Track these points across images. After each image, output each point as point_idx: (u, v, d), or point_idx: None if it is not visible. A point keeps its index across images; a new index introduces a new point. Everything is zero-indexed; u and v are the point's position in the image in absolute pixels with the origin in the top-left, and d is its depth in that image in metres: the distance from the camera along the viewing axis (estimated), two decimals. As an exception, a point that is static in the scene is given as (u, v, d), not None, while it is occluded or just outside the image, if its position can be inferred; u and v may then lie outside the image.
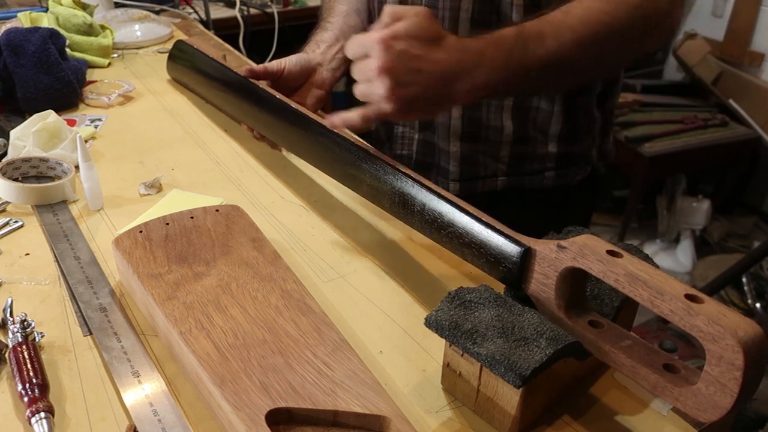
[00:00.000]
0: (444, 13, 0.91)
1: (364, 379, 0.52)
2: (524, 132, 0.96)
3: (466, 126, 0.96)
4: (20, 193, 0.79)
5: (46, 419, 0.50)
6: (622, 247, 0.52)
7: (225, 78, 0.98)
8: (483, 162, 0.98)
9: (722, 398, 0.42)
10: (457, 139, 0.97)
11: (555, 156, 0.97)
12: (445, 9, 0.90)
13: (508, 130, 0.95)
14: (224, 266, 0.63)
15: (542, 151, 0.97)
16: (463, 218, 0.60)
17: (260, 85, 0.89)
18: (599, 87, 0.97)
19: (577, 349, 0.52)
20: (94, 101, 1.07)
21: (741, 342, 0.41)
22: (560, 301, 0.52)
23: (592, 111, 0.98)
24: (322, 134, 0.75)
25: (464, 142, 0.97)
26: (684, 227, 2.43)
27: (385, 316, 0.64)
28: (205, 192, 0.83)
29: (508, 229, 0.58)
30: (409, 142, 1.04)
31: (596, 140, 1.01)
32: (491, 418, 0.52)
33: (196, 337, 0.55)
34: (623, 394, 0.56)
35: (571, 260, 0.50)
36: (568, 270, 0.51)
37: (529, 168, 0.98)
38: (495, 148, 0.97)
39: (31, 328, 0.59)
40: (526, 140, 0.97)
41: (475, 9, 0.88)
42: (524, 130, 0.96)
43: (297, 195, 0.84)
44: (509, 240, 0.56)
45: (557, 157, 0.98)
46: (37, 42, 1.01)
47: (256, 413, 0.48)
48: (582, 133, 0.98)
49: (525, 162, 0.98)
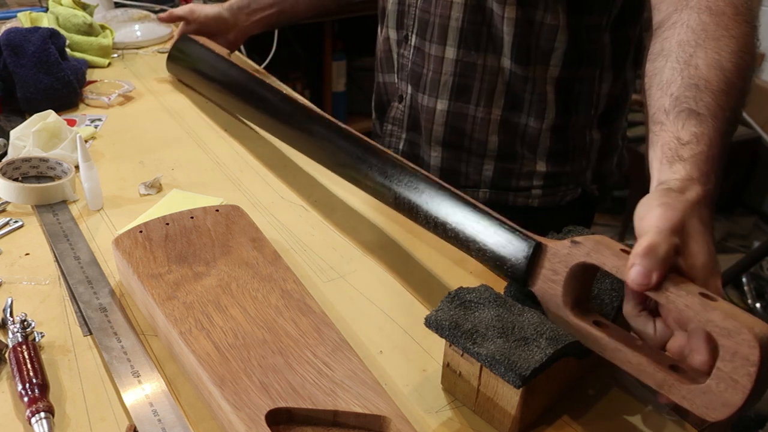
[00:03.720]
0: (435, 20, 0.90)
1: (364, 379, 0.52)
2: (510, 148, 0.94)
3: (448, 134, 0.95)
4: (20, 193, 0.79)
5: (46, 419, 0.50)
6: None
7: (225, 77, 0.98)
8: (465, 172, 0.97)
9: (733, 395, 0.42)
10: (439, 144, 0.96)
11: (543, 175, 0.95)
12: (436, 16, 0.90)
13: (493, 145, 0.94)
14: (224, 266, 0.63)
15: (529, 168, 0.95)
16: (470, 213, 0.59)
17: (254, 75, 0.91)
18: (601, 107, 0.94)
19: (577, 349, 0.52)
20: (94, 101, 1.07)
21: (758, 337, 0.41)
22: (567, 298, 0.52)
23: (587, 132, 0.95)
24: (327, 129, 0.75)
25: (446, 148, 0.97)
26: (684, 227, 2.42)
27: (385, 316, 0.64)
28: (205, 192, 0.83)
29: (515, 225, 0.57)
30: (397, 141, 1.03)
31: (591, 162, 0.98)
32: (491, 418, 0.52)
33: (196, 337, 0.55)
34: (623, 394, 0.56)
35: (585, 256, 0.50)
36: (579, 266, 0.51)
37: (514, 184, 0.96)
38: (478, 161, 0.96)
39: (31, 328, 0.59)
40: (513, 156, 0.95)
41: (465, 20, 0.88)
42: (511, 146, 0.94)
43: (297, 195, 0.84)
44: (518, 235, 0.56)
45: (545, 176, 0.95)
46: (37, 42, 1.01)
47: (256, 413, 0.48)
48: (574, 154, 0.96)
49: (510, 178, 0.96)
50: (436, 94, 0.94)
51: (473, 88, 0.92)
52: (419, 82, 0.96)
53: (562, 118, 0.92)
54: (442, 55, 0.91)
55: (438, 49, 0.91)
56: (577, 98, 0.92)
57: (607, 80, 0.93)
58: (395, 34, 0.99)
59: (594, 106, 0.94)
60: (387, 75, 1.05)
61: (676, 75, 0.58)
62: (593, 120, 0.95)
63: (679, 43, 0.61)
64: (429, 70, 0.93)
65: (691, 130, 0.53)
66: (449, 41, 0.90)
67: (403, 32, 0.97)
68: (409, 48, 0.96)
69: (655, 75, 0.61)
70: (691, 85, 0.57)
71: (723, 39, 0.60)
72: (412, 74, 0.97)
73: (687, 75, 0.58)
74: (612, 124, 0.98)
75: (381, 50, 1.05)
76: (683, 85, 0.57)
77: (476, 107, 0.93)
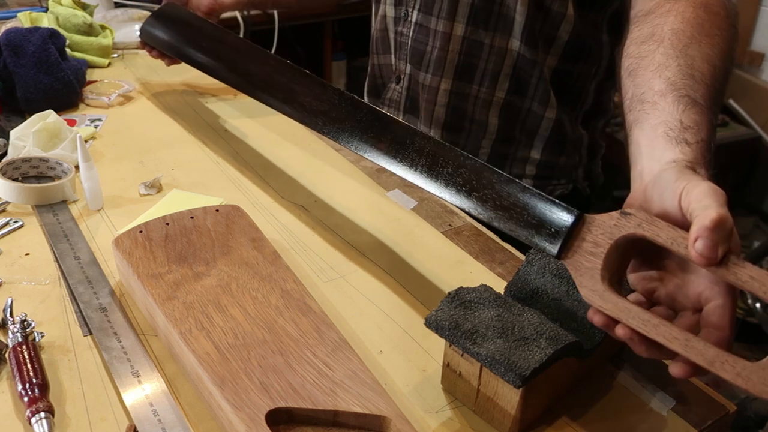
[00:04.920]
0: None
1: (364, 379, 0.52)
2: (509, 132, 0.94)
3: (449, 115, 0.94)
4: (20, 193, 0.79)
5: (46, 419, 0.50)
6: None
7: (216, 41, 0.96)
8: None
9: None
10: (439, 127, 0.96)
11: (537, 162, 0.95)
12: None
13: (493, 127, 0.94)
14: (224, 266, 0.63)
15: (524, 154, 0.95)
16: (502, 179, 0.57)
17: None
18: (587, 104, 0.95)
19: (577, 349, 0.52)
20: (94, 101, 1.07)
21: None
22: (605, 272, 0.49)
23: (577, 126, 0.96)
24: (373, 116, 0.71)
25: (445, 131, 0.96)
26: (684, 227, 2.43)
27: (385, 316, 0.64)
28: (205, 192, 0.83)
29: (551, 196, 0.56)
30: None
31: (583, 159, 0.98)
32: (491, 418, 0.52)
33: (196, 337, 0.55)
34: (623, 394, 0.56)
35: (636, 227, 0.48)
36: (625, 239, 0.49)
37: (507, 170, 0.95)
38: (476, 142, 0.95)
39: (31, 328, 0.59)
40: (510, 140, 0.95)
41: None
42: (510, 131, 0.94)
43: (297, 195, 0.84)
44: (557, 205, 0.53)
45: (538, 165, 0.96)
46: (37, 42, 1.01)
47: (256, 413, 0.48)
48: (568, 146, 0.96)
49: (504, 162, 0.96)
50: (440, 73, 0.92)
51: (477, 68, 0.91)
52: (422, 60, 0.94)
53: (562, 106, 0.92)
54: (450, 32, 0.90)
55: (446, 25, 0.90)
56: (570, 91, 0.92)
57: (597, 80, 0.93)
58: (393, 11, 0.97)
59: (582, 102, 0.94)
60: (383, 56, 1.03)
61: (671, 61, 0.58)
62: (579, 114, 0.95)
63: (673, 31, 0.61)
64: (434, 47, 0.92)
65: (692, 117, 0.53)
66: (458, 17, 0.88)
67: (402, 8, 0.96)
68: (408, 25, 0.95)
69: (644, 57, 0.60)
70: (688, 74, 0.56)
71: (716, 38, 0.60)
72: (413, 52, 0.95)
73: (684, 64, 0.57)
74: (596, 122, 0.99)
75: (377, 30, 1.03)
76: (680, 72, 0.57)
77: (479, 87, 0.92)
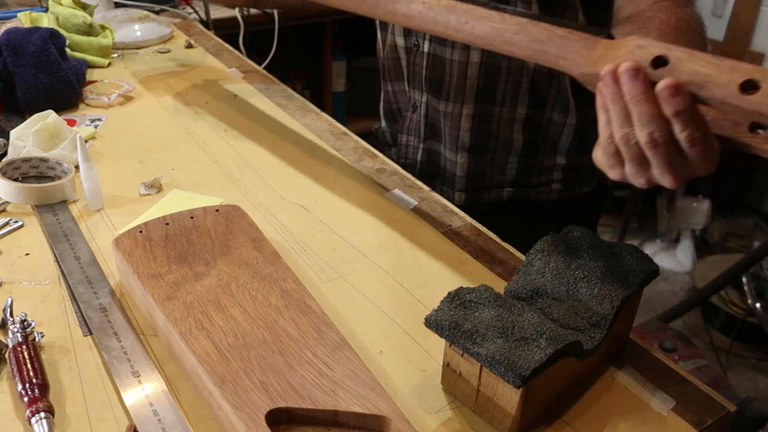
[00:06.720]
0: None
1: (364, 379, 0.52)
2: (534, 144, 0.95)
3: (474, 138, 0.95)
4: (20, 193, 0.79)
5: (46, 419, 0.50)
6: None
7: None
8: (489, 173, 0.97)
9: None
10: (465, 150, 0.96)
11: (562, 167, 0.97)
12: None
13: (518, 143, 0.95)
14: (224, 266, 0.63)
15: (550, 162, 0.96)
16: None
17: None
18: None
19: (577, 349, 0.52)
20: (94, 101, 1.07)
21: None
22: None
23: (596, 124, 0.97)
24: None
25: (472, 154, 0.97)
26: (684, 227, 2.43)
27: (385, 316, 0.64)
28: (205, 192, 0.83)
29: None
30: (414, 151, 1.03)
31: None
32: (491, 418, 0.52)
33: (196, 337, 0.55)
34: (623, 394, 0.56)
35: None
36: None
37: (535, 180, 0.97)
38: (503, 160, 0.97)
39: (31, 328, 0.59)
40: (536, 152, 0.96)
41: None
42: (534, 143, 0.95)
43: (297, 195, 0.84)
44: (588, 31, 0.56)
45: (564, 169, 0.97)
46: (37, 42, 1.01)
47: (256, 413, 0.48)
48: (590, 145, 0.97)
49: (532, 173, 0.97)
50: (461, 100, 0.93)
51: (498, 90, 0.92)
52: (440, 89, 0.95)
53: (583, 110, 0.93)
54: (467, 60, 0.90)
55: (462, 54, 0.90)
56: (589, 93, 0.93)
57: None
58: (403, 42, 0.98)
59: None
60: (396, 83, 1.04)
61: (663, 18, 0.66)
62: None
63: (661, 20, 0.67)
64: (452, 76, 0.92)
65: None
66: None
67: (413, 39, 0.96)
68: (421, 55, 0.95)
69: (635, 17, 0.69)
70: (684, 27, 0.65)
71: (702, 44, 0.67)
72: (429, 82, 0.96)
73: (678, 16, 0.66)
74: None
75: (387, 58, 1.03)
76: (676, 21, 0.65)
77: (501, 108, 0.93)
